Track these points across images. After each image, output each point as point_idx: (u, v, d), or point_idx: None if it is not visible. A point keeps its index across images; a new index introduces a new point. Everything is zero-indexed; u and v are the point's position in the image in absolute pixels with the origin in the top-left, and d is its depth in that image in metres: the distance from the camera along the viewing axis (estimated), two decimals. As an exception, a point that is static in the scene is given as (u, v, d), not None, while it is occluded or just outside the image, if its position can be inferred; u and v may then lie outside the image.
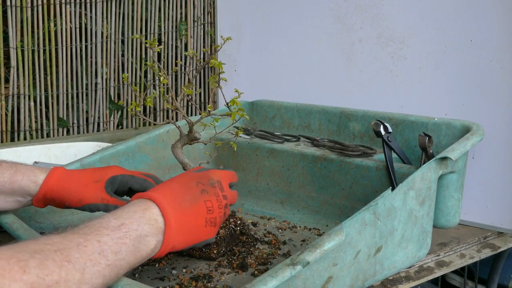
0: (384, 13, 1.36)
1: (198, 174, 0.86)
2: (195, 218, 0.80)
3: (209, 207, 0.82)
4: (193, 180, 0.84)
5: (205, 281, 0.87)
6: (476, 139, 1.02)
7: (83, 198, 0.93)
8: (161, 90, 1.00)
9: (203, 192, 0.83)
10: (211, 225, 0.83)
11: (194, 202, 0.81)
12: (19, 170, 0.94)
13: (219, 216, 0.84)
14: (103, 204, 0.92)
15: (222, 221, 0.86)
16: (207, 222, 0.82)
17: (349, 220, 0.82)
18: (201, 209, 0.81)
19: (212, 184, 0.85)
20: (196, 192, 0.82)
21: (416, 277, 1.00)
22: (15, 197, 0.95)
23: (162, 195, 0.78)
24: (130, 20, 2.42)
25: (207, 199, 0.82)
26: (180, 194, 0.80)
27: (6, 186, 0.93)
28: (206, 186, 0.84)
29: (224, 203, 0.85)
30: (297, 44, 1.56)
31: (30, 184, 0.93)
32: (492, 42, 1.18)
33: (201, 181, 0.84)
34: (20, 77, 2.18)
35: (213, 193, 0.84)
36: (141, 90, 2.48)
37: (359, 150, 1.14)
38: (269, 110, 1.45)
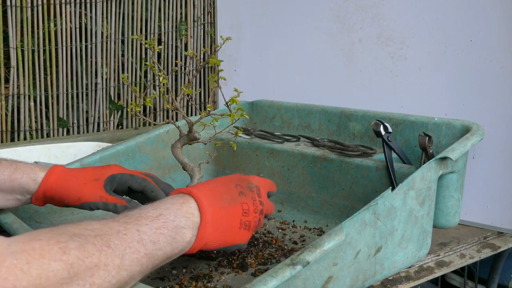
0: (384, 13, 1.36)
1: (239, 177, 0.87)
2: (231, 218, 0.80)
3: (245, 210, 0.82)
4: (233, 182, 0.85)
5: (205, 281, 0.87)
6: (476, 139, 1.02)
7: (82, 196, 0.93)
8: (161, 90, 1.00)
9: (241, 194, 0.83)
10: (245, 228, 0.82)
11: (231, 202, 0.81)
12: (19, 168, 0.94)
13: (254, 221, 0.83)
14: (102, 203, 0.92)
15: (256, 226, 0.85)
16: (241, 225, 0.81)
17: (349, 220, 0.82)
18: (237, 210, 0.81)
19: (251, 188, 0.85)
20: (234, 193, 0.82)
21: (416, 277, 1.00)
22: (15, 195, 0.95)
23: (201, 191, 0.79)
24: (130, 20, 2.42)
25: (244, 201, 0.82)
26: (219, 192, 0.81)
27: (5, 184, 0.93)
28: (244, 189, 0.84)
29: (260, 208, 0.85)
30: (297, 44, 1.56)
31: (29, 182, 0.93)
32: (492, 42, 1.18)
33: (240, 183, 0.85)
34: (20, 77, 2.18)
35: (250, 197, 0.84)
36: (141, 90, 2.48)
37: (359, 150, 1.14)
38: (269, 110, 1.45)
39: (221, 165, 1.37)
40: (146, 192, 0.97)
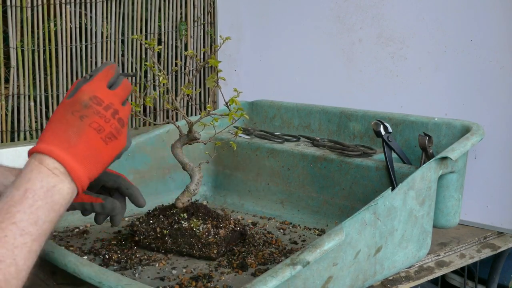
0: (384, 13, 1.36)
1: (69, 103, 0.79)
2: (91, 145, 0.76)
3: (96, 128, 0.77)
4: (67, 112, 0.78)
5: (205, 281, 0.87)
6: (476, 139, 1.02)
7: None
8: (161, 90, 1.00)
9: (83, 118, 0.77)
10: (111, 139, 0.78)
11: (79, 131, 0.76)
12: None
13: (113, 129, 0.79)
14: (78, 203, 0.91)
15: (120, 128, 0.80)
16: (105, 140, 0.78)
17: (349, 220, 0.82)
18: (91, 134, 0.76)
19: (86, 106, 0.78)
20: (75, 122, 0.77)
21: (416, 277, 1.00)
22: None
23: (48, 142, 0.74)
24: (130, 20, 2.42)
25: (91, 121, 0.77)
26: (62, 132, 0.76)
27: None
28: (81, 111, 0.77)
29: (109, 113, 0.79)
30: (297, 44, 1.56)
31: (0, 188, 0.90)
32: (492, 42, 1.18)
33: (75, 108, 0.78)
34: (20, 77, 2.18)
35: (92, 113, 0.78)
36: (141, 90, 2.48)
37: (359, 150, 1.14)
38: (269, 110, 1.44)
39: (221, 165, 1.37)
40: (120, 189, 0.96)
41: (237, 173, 1.33)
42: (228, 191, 1.33)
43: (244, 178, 1.31)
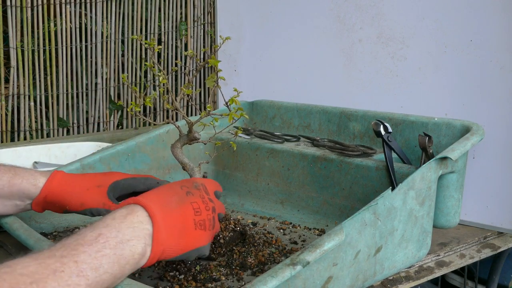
0: (384, 13, 1.36)
1: (183, 180, 0.85)
2: (183, 220, 0.77)
3: (196, 209, 0.80)
4: (177, 184, 0.83)
5: (205, 281, 0.87)
6: (476, 139, 1.02)
7: (84, 202, 0.92)
8: (160, 90, 1.00)
9: (189, 194, 0.81)
10: (201, 228, 0.79)
11: (180, 203, 0.78)
12: (18, 174, 0.93)
13: (207, 219, 0.81)
14: (104, 210, 0.92)
15: (211, 225, 0.82)
16: (196, 224, 0.79)
17: (349, 220, 0.82)
18: (188, 210, 0.79)
19: (197, 187, 0.83)
20: (181, 194, 0.80)
21: (416, 277, 1.00)
22: (13, 201, 0.93)
23: (147, 197, 0.76)
24: (130, 20, 2.42)
25: (193, 200, 0.80)
26: (165, 196, 0.78)
27: (4, 190, 0.91)
28: (191, 189, 0.82)
29: (211, 205, 0.83)
30: (297, 44, 1.56)
31: (30, 187, 0.92)
32: (492, 42, 1.18)
33: (185, 184, 0.83)
34: (20, 77, 2.18)
35: (198, 195, 0.82)
36: (141, 90, 2.48)
37: (359, 150, 1.14)
38: (269, 110, 1.44)
39: (221, 165, 1.37)
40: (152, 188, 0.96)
41: (237, 173, 1.33)
42: (228, 191, 1.33)
43: (244, 178, 1.31)
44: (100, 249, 0.66)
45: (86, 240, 0.66)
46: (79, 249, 0.65)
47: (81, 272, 0.63)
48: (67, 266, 0.62)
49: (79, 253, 0.64)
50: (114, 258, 0.67)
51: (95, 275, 0.64)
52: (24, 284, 0.58)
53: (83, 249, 0.65)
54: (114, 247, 0.67)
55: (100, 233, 0.68)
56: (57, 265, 0.62)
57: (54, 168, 1.10)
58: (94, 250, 0.65)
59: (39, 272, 0.60)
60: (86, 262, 0.64)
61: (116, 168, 1.23)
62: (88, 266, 0.64)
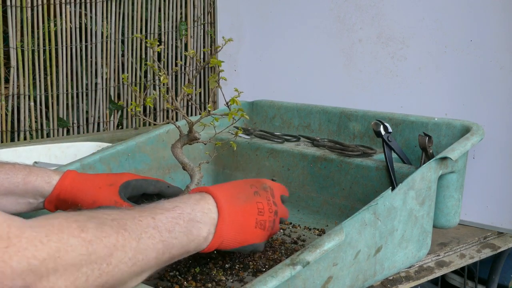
0: (384, 13, 1.36)
1: (252, 179, 0.89)
2: (247, 217, 0.81)
3: (260, 209, 0.83)
4: (247, 182, 0.86)
5: (205, 281, 0.87)
6: (476, 139, 1.02)
7: (96, 200, 0.93)
8: (162, 90, 1.00)
9: (256, 194, 0.84)
10: (261, 227, 0.83)
11: (246, 200, 0.82)
12: (33, 171, 0.94)
13: (268, 220, 0.84)
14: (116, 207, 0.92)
15: (271, 227, 0.85)
16: (257, 224, 0.82)
17: (349, 220, 0.82)
18: (253, 209, 0.82)
19: (265, 189, 0.86)
20: (249, 192, 0.84)
21: (416, 277, 1.00)
22: (27, 199, 0.94)
23: (217, 189, 0.80)
24: (130, 20, 2.42)
25: (259, 201, 0.84)
26: (234, 191, 0.82)
27: (19, 187, 0.92)
28: (259, 189, 0.85)
29: (275, 209, 0.86)
30: (297, 44, 1.56)
31: (44, 185, 0.93)
32: (492, 42, 1.18)
33: (255, 184, 0.86)
34: (20, 77, 2.18)
35: (265, 197, 0.85)
36: (141, 90, 2.48)
37: (359, 150, 1.14)
38: (269, 110, 1.44)
39: (221, 165, 1.37)
40: (162, 191, 0.98)
41: (237, 173, 1.33)
42: (228, 191, 1.33)
43: (244, 178, 1.31)
44: (175, 217, 0.71)
45: (164, 207, 0.72)
46: (157, 211, 0.70)
47: (157, 227, 0.68)
48: (144, 218, 0.68)
49: (157, 213, 0.69)
50: (185, 230, 0.72)
51: (168, 235, 0.69)
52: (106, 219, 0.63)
53: (160, 211, 0.70)
54: (187, 221, 0.72)
55: (177, 205, 0.73)
56: (135, 215, 0.67)
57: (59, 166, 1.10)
58: (170, 216, 0.70)
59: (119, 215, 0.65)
60: (162, 221, 0.69)
61: (116, 168, 1.23)
62: (163, 226, 0.69)
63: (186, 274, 0.89)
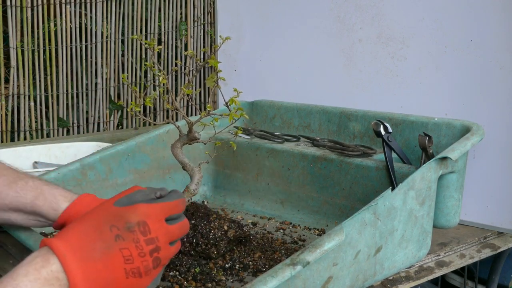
0: (384, 13, 1.36)
1: (114, 213, 0.71)
2: (111, 270, 0.67)
3: (126, 256, 0.68)
4: (107, 222, 0.70)
5: (205, 281, 0.87)
6: (476, 139, 1.02)
7: None
8: (160, 90, 1.00)
9: (118, 238, 0.68)
10: (134, 276, 0.69)
11: (106, 250, 0.68)
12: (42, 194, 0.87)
13: (142, 266, 0.69)
14: None
15: (150, 269, 0.70)
16: (127, 274, 0.68)
17: (349, 220, 0.82)
18: (117, 259, 0.68)
19: (130, 228, 0.69)
20: (109, 238, 0.68)
21: (416, 277, 1.00)
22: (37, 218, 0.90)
23: (66, 242, 0.67)
24: (130, 20, 2.42)
25: (124, 247, 0.68)
26: (89, 240, 0.68)
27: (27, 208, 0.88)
28: (121, 231, 0.69)
29: (149, 249, 0.70)
30: (297, 44, 1.56)
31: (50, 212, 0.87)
32: (492, 42, 1.18)
33: (116, 224, 0.70)
34: (20, 77, 2.18)
35: (130, 239, 0.69)
36: (141, 90, 2.48)
37: (359, 150, 1.14)
38: (269, 110, 1.44)
39: (221, 165, 1.37)
40: None
41: (237, 173, 1.33)
42: (228, 191, 1.33)
43: (244, 178, 1.31)
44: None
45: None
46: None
47: None
48: None
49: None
50: None
51: None
52: None
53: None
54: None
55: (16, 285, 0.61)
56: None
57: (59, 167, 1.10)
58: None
59: None
60: None
61: (116, 168, 1.23)
62: None
63: (186, 274, 0.89)
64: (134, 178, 1.25)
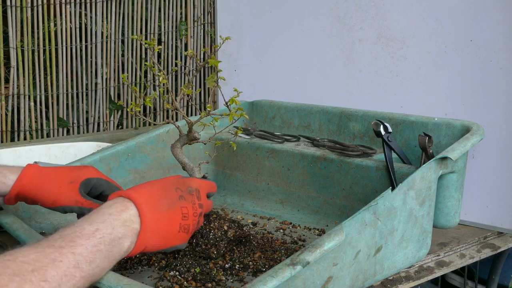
0: (384, 13, 1.36)
1: (178, 180, 0.87)
2: (170, 223, 0.80)
3: (184, 214, 0.82)
4: (173, 185, 0.84)
5: (205, 281, 0.87)
6: (476, 139, 1.02)
7: (56, 200, 0.93)
8: (160, 90, 1.00)
9: (181, 198, 0.83)
10: (184, 231, 0.83)
11: (171, 206, 0.81)
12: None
13: (192, 224, 0.84)
14: (77, 207, 0.92)
15: (195, 229, 0.86)
16: (180, 228, 0.82)
17: (349, 220, 0.82)
18: (177, 215, 0.81)
19: (190, 192, 0.85)
20: (174, 197, 0.82)
21: (416, 277, 1.00)
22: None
23: (142, 195, 0.78)
24: (130, 20, 2.42)
25: (184, 205, 0.83)
26: (159, 197, 0.80)
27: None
28: (184, 193, 0.84)
29: (199, 211, 0.86)
30: (297, 44, 1.56)
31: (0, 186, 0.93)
32: (492, 42, 1.18)
33: (180, 187, 0.85)
34: (20, 77, 2.18)
35: (190, 200, 0.84)
36: (141, 90, 2.48)
37: (359, 150, 1.14)
38: (269, 110, 1.44)
39: (221, 165, 1.37)
40: None
41: (237, 173, 1.33)
42: (228, 191, 1.33)
43: (244, 178, 1.31)
44: (96, 244, 0.69)
45: (84, 234, 0.69)
46: (77, 241, 0.68)
47: (78, 264, 0.66)
48: (65, 256, 0.66)
49: (77, 245, 0.68)
50: (106, 254, 0.71)
51: (89, 268, 0.68)
52: (26, 271, 0.61)
53: (80, 242, 0.68)
54: (109, 243, 0.71)
55: (98, 228, 0.71)
56: (56, 255, 0.65)
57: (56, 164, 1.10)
58: (91, 245, 0.69)
59: (39, 260, 0.64)
60: (82, 255, 0.67)
61: (116, 168, 1.23)
62: (83, 259, 0.67)
63: (186, 274, 0.89)
64: (134, 178, 1.25)
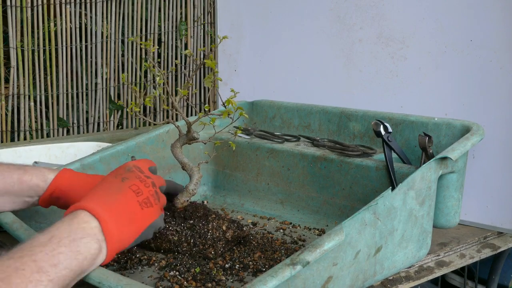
0: (384, 13, 1.36)
1: (115, 170, 0.88)
2: (127, 205, 0.80)
3: (135, 190, 0.82)
4: (110, 175, 0.86)
5: (205, 281, 0.87)
6: (476, 139, 1.02)
7: None
8: (159, 90, 1.00)
9: (124, 180, 0.83)
10: (146, 205, 0.83)
11: (119, 191, 0.81)
12: (28, 171, 0.95)
13: (150, 195, 0.84)
14: None
15: (157, 199, 0.85)
16: (141, 204, 0.82)
17: (349, 220, 0.82)
18: (129, 194, 0.81)
19: (130, 170, 0.86)
20: (117, 182, 0.83)
21: (416, 277, 1.00)
22: (23, 198, 0.96)
23: (84, 199, 0.78)
24: (130, 20, 2.42)
25: (131, 184, 0.83)
26: (102, 190, 0.81)
27: (14, 187, 0.94)
28: (124, 174, 0.85)
29: (150, 181, 0.85)
30: (297, 44, 1.55)
31: (39, 183, 0.94)
32: (492, 42, 1.18)
33: (118, 172, 0.86)
34: (20, 77, 2.18)
35: (134, 177, 0.85)
36: (141, 90, 2.48)
37: (359, 150, 1.14)
38: (269, 110, 1.44)
39: (220, 165, 1.37)
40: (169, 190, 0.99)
41: (237, 173, 1.33)
42: (228, 191, 1.33)
43: (244, 178, 1.31)
44: (55, 248, 0.69)
45: (40, 242, 0.69)
46: (35, 250, 0.68)
47: (41, 269, 0.66)
48: (26, 265, 0.66)
49: (36, 253, 0.68)
50: (71, 255, 0.70)
51: (55, 270, 0.67)
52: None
53: (39, 249, 0.68)
54: (69, 244, 0.71)
55: (53, 235, 0.71)
56: (17, 265, 0.65)
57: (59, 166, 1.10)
58: (49, 249, 0.69)
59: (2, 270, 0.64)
60: (43, 260, 0.67)
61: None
62: (46, 264, 0.67)
63: (186, 274, 0.89)
64: (134, 178, 1.25)
